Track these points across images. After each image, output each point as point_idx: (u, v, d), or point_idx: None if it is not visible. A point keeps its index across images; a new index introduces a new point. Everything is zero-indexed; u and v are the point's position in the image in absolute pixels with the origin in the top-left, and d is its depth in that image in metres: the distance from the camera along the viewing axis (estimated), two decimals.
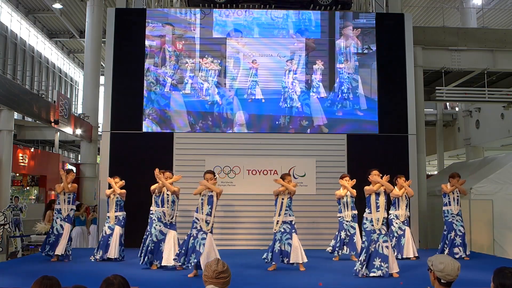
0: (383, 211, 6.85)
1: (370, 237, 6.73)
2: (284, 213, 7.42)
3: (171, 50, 11.25)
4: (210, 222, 6.85)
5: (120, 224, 8.37)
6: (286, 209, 7.42)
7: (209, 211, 6.87)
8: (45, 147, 23.45)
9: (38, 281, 2.75)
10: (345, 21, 11.49)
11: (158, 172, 7.66)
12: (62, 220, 8.28)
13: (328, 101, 11.21)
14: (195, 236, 6.77)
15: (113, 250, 8.18)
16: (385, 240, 6.72)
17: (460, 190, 8.82)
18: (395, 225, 8.76)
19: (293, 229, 7.36)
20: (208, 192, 6.98)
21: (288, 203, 7.47)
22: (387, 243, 6.73)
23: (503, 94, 13.97)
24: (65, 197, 8.36)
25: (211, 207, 6.89)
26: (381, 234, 6.73)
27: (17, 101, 13.47)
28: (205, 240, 6.71)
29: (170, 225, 7.56)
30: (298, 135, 11.08)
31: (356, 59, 11.41)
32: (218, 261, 2.98)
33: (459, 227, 8.66)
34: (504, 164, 11.29)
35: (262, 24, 11.45)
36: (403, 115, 11.16)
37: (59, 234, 8.19)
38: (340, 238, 8.58)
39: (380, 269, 6.57)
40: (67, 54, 29.34)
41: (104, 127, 11.07)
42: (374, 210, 6.83)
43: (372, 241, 6.69)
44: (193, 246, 6.72)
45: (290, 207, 7.48)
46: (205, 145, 10.82)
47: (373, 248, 6.66)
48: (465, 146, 19.61)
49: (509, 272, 2.85)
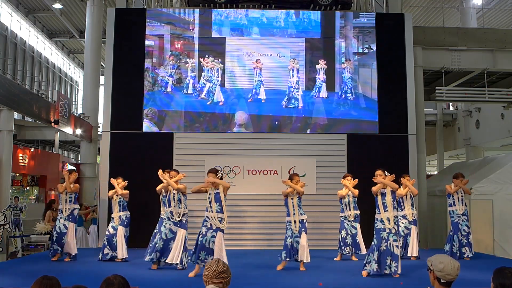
0: (392, 210, 6.87)
1: (380, 235, 6.77)
2: (297, 213, 7.51)
3: (170, 49, 11.25)
4: (224, 219, 6.86)
5: (123, 224, 8.38)
6: (297, 209, 7.49)
7: (218, 208, 6.85)
8: (45, 147, 23.45)
9: (38, 281, 2.75)
10: (345, 20, 11.50)
11: (161, 172, 7.63)
12: (66, 220, 8.30)
13: (328, 101, 11.21)
14: (204, 234, 6.76)
15: (121, 251, 8.19)
16: (395, 239, 6.75)
17: (464, 190, 8.81)
18: (401, 224, 8.77)
19: (303, 228, 7.43)
20: (213, 190, 6.94)
21: (298, 202, 7.56)
22: (396, 242, 6.76)
23: (503, 94, 13.97)
24: (67, 197, 8.39)
25: (219, 204, 6.87)
26: (391, 233, 6.76)
27: (17, 101, 13.47)
28: (215, 238, 6.71)
29: (180, 224, 7.47)
30: (298, 135, 11.08)
31: (356, 59, 11.42)
32: (218, 261, 2.98)
33: (463, 227, 8.68)
34: (504, 164, 11.28)
35: (262, 24, 11.46)
36: (403, 115, 11.16)
37: (61, 232, 8.21)
38: (342, 238, 8.59)
39: (390, 267, 6.63)
40: (67, 54, 29.34)
41: (104, 127, 11.07)
42: (382, 210, 6.90)
43: (383, 239, 6.73)
44: (201, 244, 6.70)
45: (300, 206, 7.56)
46: (205, 145, 10.82)
47: (384, 246, 6.70)
48: (465, 146, 19.61)
49: (509, 272, 2.85)
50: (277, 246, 10.26)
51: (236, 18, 11.45)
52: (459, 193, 8.82)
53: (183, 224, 7.48)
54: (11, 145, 13.57)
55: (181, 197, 7.54)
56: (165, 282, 6.37)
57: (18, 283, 5.93)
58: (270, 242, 10.34)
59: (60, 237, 8.19)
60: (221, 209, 6.87)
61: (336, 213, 10.16)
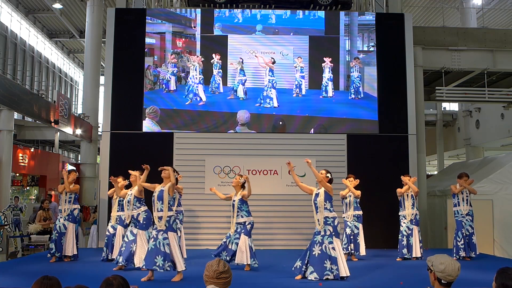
0: (322, 212, 6.54)
1: (313, 239, 6.61)
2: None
3: (171, 49, 11.24)
4: (163, 218, 6.36)
5: (122, 224, 8.35)
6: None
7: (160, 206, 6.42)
8: (45, 147, 23.44)
9: (38, 281, 2.75)
10: (346, 19, 11.48)
11: (112, 178, 7.84)
12: (66, 220, 8.29)
13: (328, 101, 11.21)
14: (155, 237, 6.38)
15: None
16: (330, 241, 6.41)
17: (469, 190, 8.78)
18: (403, 225, 8.78)
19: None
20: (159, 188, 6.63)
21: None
22: (332, 244, 6.41)
23: (503, 94, 13.97)
24: (66, 197, 8.38)
25: (162, 203, 6.43)
26: (325, 235, 6.46)
27: (17, 101, 13.46)
28: (167, 239, 6.31)
29: (139, 225, 7.28)
30: (298, 135, 11.07)
31: (356, 58, 11.40)
32: (219, 261, 2.97)
33: (467, 227, 8.66)
34: (504, 164, 11.28)
35: (265, 22, 11.42)
36: (403, 115, 11.15)
37: (61, 232, 8.20)
38: (346, 235, 8.65)
39: (332, 271, 6.29)
40: (67, 54, 29.32)
41: (104, 127, 11.07)
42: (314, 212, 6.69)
43: (316, 243, 6.48)
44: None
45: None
46: (205, 145, 10.81)
47: (319, 250, 6.39)
48: (465, 146, 19.62)
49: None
50: (277, 246, 10.29)
51: (236, 16, 11.43)
52: (464, 193, 8.78)
53: (141, 225, 7.29)
54: (11, 145, 13.57)
55: (130, 199, 7.39)
56: (165, 282, 6.36)
57: (18, 283, 5.93)
58: (270, 242, 10.34)
59: (60, 237, 8.19)
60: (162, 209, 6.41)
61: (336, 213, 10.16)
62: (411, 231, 8.70)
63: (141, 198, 7.42)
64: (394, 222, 9.66)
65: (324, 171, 6.83)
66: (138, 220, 7.31)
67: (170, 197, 6.45)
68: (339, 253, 6.40)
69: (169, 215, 6.38)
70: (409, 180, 8.84)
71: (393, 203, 10.00)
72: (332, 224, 6.49)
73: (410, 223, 8.76)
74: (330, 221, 6.50)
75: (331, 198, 6.67)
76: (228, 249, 7.39)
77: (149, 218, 7.35)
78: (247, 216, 7.52)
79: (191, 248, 9.99)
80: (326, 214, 6.52)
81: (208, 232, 10.39)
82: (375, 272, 7.30)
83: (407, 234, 8.71)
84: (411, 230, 8.71)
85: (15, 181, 17.16)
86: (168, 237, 6.29)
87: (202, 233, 10.44)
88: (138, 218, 7.33)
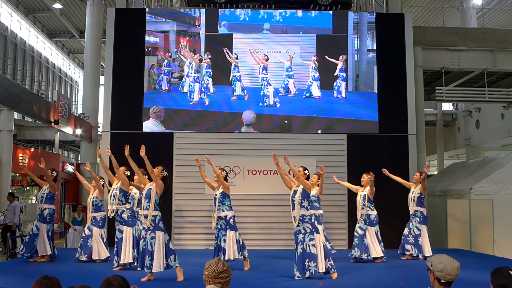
0: (298, 209, 6.61)
1: (296, 238, 6.74)
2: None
3: (171, 49, 11.24)
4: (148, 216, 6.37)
5: (98, 225, 8.28)
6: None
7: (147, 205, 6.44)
8: (45, 147, 23.42)
9: (38, 281, 2.75)
10: (347, 19, 11.47)
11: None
12: (38, 221, 8.16)
13: (328, 101, 11.21)
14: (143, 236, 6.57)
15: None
16: (311, 238, 6.57)
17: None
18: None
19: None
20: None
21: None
22: (313, 241, 6.55)
23: (503, 94, 13.98)
24: (39, 195, 8.31)
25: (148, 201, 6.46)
26: (306, 233, 6.60)
27: (17, 101, 13.46)
28: (155, 239, 6.34)
29: (124, 223, 7.47)
30: (298, 135, 11.08)
31: (356, 58, 11.40)
32: (218, 261, 2.97)
33: (413, 228, 8.59)
34: (504, 164, 11.27)
35: (269, 21, 11.39)
36: (403, 115, 11.16)
37: (33, 234, 8.04)
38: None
39: (309, 269, 6.45)
40: (67, 54, 29.31)
41: (104, 127, 11.07)
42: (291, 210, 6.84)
43: (299, 242, 6.64)
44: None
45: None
46: (205, 145, 10.81)
47: (301, 249, 6.59)
48: (465, 146, 19.62)
49: (506, 271, 2.82)
50: (277, 246, 10.28)
51: (242, 14, 11.39)
52: (412, 192, 8.74)
53: (127, 222, 7.49)
54: (11, 145, 13.57)
55: (116, 194, 7.54)
56: (165, 282, 6.36)
57: (18, 283, 5.93)
58: (270, 242, 10.34)
59: (31, 238, 8.02)
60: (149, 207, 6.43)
61: (336, 212, 10.17)
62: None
63: (127, 193, 7.55)
64: (394, 222, 9.67)
65: (302, 168, 6.88)
66: (122, 218, 7.49)
67: (157, 196, 6.48)
68: (318, 250, 6.48)
69: (154, 214, 6.38)
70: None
71: (393, 203, 10.01)
72: (309, 221, 6.58)
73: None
74: (307, 218, 6.59)
75: (309, 196, 6.72)
76: (222, 249, 7.38)
77: (133, 216, 7.51)
78: (228, 211, 7.47)
79: (191, 248, 10.01)
80: (303, 212, 6.59)
81: (208, 232, 10.35)
82: (375, 272, 7.30)
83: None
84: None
85: (15, 181, 17.14)
86: (155, 236, 6.34)
87: (202, 233, 10.43)
88: (122, 215, 7.50)
